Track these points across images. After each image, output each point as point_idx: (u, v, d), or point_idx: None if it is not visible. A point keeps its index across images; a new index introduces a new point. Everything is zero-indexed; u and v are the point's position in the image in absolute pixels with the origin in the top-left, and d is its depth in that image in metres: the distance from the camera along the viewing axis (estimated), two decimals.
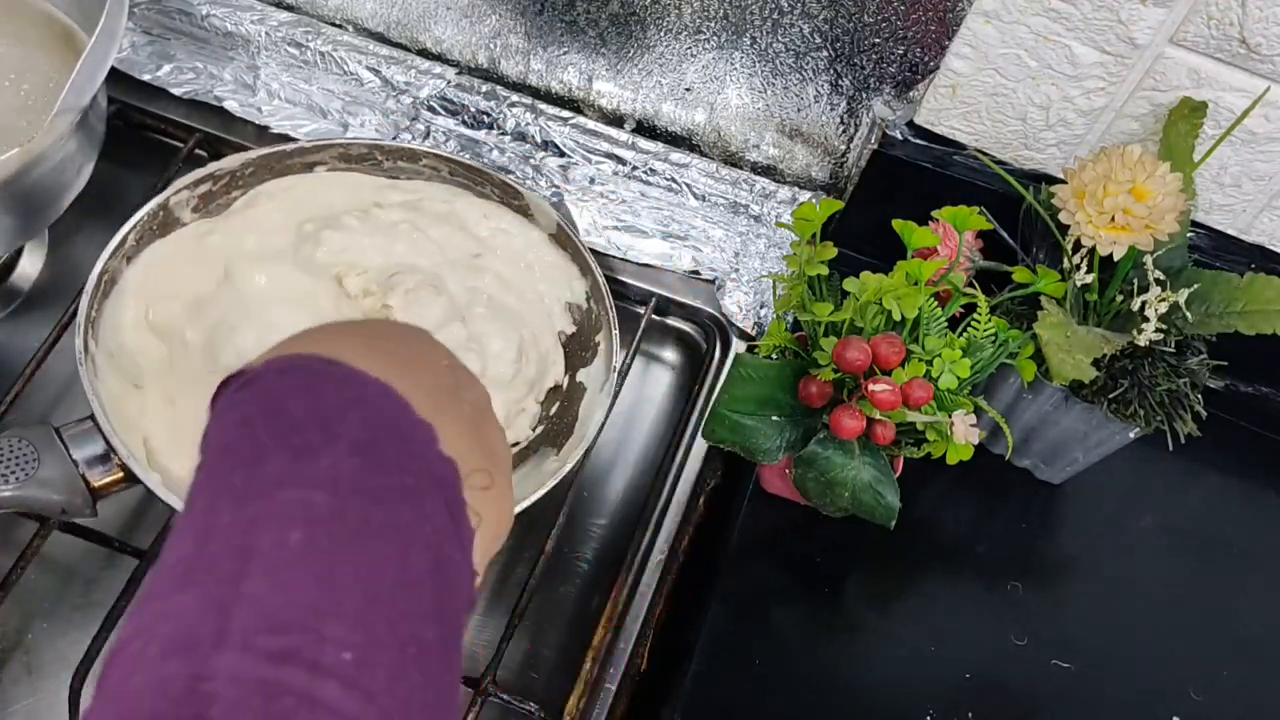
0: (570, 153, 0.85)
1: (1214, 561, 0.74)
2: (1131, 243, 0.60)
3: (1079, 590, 0.72)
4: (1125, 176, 0.60)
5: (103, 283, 0.67)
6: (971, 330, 0.64)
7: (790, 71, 0.78)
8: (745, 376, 0.66)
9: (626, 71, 0.82)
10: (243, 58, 0.87)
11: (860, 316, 0.63)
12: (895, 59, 0.74)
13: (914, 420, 0.61)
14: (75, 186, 0.72)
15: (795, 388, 0.64)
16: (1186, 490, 0.77)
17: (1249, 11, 0.61)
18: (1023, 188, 0.71)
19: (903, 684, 0.67)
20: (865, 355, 0.60)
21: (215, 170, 0.72)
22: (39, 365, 0.71)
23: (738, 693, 0.65)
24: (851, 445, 0.63)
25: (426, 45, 0.87)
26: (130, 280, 0.69)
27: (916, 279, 0.63)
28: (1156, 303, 0.62)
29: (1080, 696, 0.67)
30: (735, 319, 0.80)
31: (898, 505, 0.63)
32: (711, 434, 0.66)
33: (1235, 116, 0.66)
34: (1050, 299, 0.63)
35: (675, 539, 0.72)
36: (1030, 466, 0.75)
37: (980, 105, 0.72)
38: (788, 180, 0.85)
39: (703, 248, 0.83)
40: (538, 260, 0.76)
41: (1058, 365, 0.60)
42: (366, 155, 0.76)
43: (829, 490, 0.64)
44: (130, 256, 0.69)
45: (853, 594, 0.70)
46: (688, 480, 0.74)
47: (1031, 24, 0.66)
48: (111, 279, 0.68)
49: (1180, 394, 0.67)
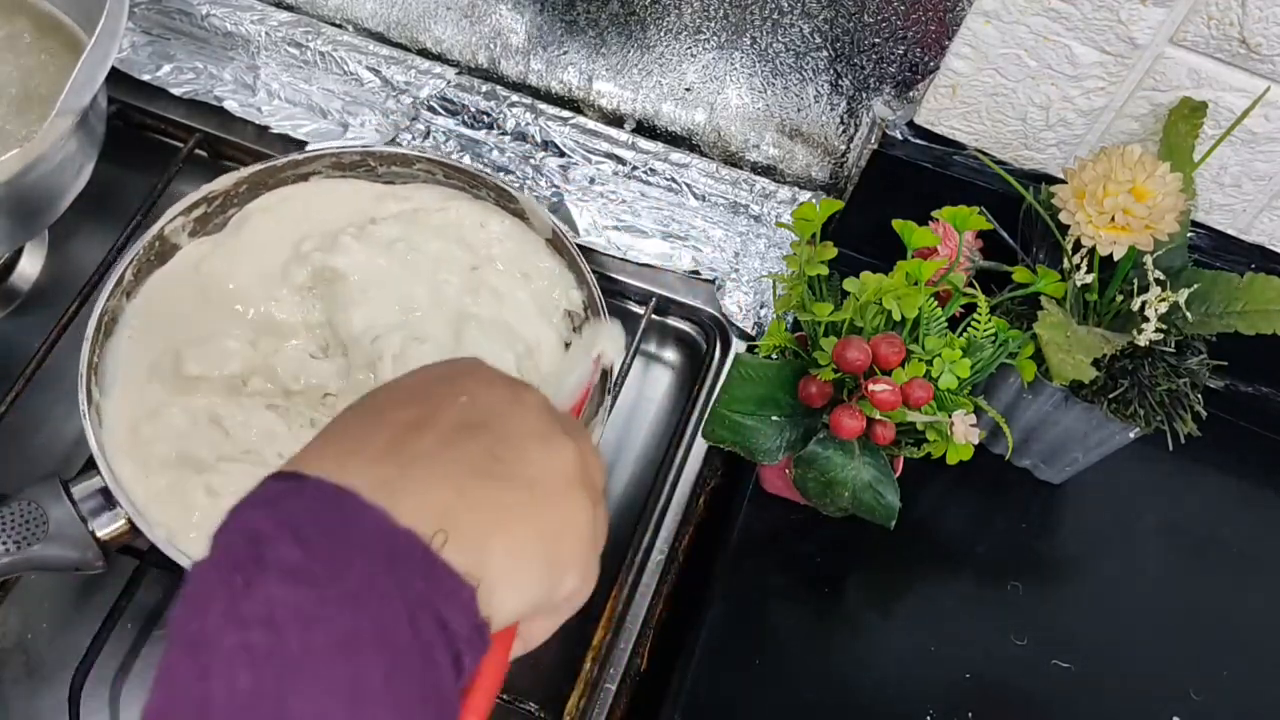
0: (570, 153, 0.85)
1: (1214, 561, 0.74)
2: (1131, 243, 0.60)
3: (1079, 590, 0.72)
4: (1125, 176, 0.60)
5: (103, 324, 0.66)
6: (971, 330, 0.64)
7: (790, 71, 0.78)
8: (745, 377, 0.66)
9: (626, 71, 0.82)
10: (243, 58, 0.87)
11: (860, 316, 0.63)
12: (895, 59, 0.74)
13: (914, 420, 0.61)
14: (75, 187, 0.72)
15: (795, 388, 0.64)
16: (1186, 490, 0.77)
17: (1249, 11, 0.61)
18: (1023, 188, 0.71)
19: (903, 684, 0.67)
20: (865, 355, 0.60)
21: (209, 193, 0.71)
22: (39, 366, 0.71)
23: (737, 693, 0.65)
24: (851, 445, 0.63)
25: (426, 45, 0.87)
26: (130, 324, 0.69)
27: (916, 279, 0.63)
28: (1156, 303, 0.62)
29: (1080, 696, 0.67)
30: (735, 319, 0.80)
31: (898, 505, 0.63)
32: (711, 434, 0.66)
33: (1235, 116, 0.66)
34: (1050, 299, 0.63)
35: (675, 539, 0.72)
36: (1030, 466, 0.75)
37: (980, 105, 0.72)
38: (788, 180, 0.85)
39: (703, 248, 0.83)
40: (534, 269, 0.75)
41: (1058, 365, 0.60)
42: (360, 162, 0.76)
43: (829, 490, 0.64)
44: (129, 292, 0.69)
45: (853, 594, 0.70)
46: (688, 480, 0.74)
47: (1031, 24, 0.66)
48: (112, 318, 0.68)
49: (1180, 394, 0.67)
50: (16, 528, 0.59)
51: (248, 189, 0.73)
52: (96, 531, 0.60)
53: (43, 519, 0.59)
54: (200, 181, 0.73)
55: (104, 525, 0.60)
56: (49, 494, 0.60)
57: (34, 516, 0.59)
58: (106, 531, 0.61)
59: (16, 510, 0.59)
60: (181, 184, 0.84)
